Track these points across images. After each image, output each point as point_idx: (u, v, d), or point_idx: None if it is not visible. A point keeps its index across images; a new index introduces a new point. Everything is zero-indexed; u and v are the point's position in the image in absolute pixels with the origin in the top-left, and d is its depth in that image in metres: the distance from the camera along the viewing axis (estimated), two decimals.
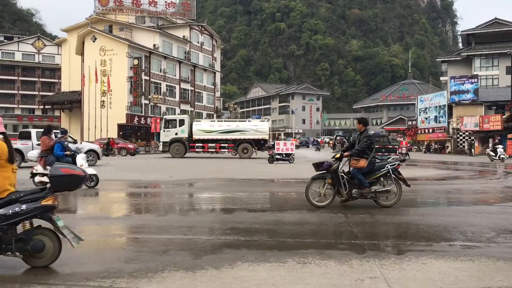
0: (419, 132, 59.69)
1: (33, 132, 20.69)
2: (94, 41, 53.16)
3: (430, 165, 26.04)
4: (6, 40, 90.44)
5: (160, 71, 57.62)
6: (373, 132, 9.24)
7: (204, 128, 31.89)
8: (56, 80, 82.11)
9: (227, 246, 5.56)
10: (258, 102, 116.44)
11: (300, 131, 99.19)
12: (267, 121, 35.01)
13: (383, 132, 66.70)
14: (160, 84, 57.60)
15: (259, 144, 31.76)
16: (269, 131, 33.27)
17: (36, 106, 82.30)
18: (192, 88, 64.38)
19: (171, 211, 8.79)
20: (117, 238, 6.32)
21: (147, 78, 54.86)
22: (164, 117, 36.82)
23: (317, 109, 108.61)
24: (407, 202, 9.91)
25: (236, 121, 37.96)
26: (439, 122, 54.37)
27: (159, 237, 6.09)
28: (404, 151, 29.93)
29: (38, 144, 20.77)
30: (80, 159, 11.67)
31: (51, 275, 4.36)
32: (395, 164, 8.78)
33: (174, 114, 58.53)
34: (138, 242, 5.81)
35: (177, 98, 61.07)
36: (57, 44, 75.40)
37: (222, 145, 31.37)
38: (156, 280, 4.19)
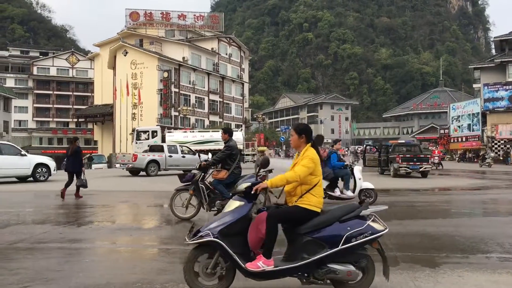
0: (451, 140, 58.36)
1: (165, 145, 24.01)
2: (125, 55, 54.41)
3: (464, 174, 25.40)
4: (41, 56, 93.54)
5: (189, 83, 58.41)
6: (235, 142, 8.77)
7: (177, 139, 31.22)
8: (89, 94, 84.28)
9: None
10: (287, 112, 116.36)
11: (329, 141, 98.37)
12: (241, 130, 34.66)
13: (414, 141, 65.48)
14: (189, 96, 58.37)
15: None
16: (243, 140, 32.87)
17: (70, 120, 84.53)
18: (221, 100, 64.96)
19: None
20: (149, 249, 6.40)
21: (177, 90, 55.68)
22: (136, 128, 36.22)
23: (346, 119, 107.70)
24: (441, 212, 9.70)
25: (210, 131, 37.72)
26: (473, 130, 53.07)
27: (190, 248, 6.12)
28: (436, 161, 29.32)
29: (170, 156, 22.82)
30: (358, 172, 10.81)
31: (85, 285, 4.45)
32: (260, 175, 8.47)
33: (203, 126, 59.20)
34: (170, 253, 5.87)
35: (206, 110, 61.71)
36: (90, 58, 77.53)
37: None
38: None
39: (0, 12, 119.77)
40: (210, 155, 18.50)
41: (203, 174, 8.39)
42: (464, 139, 54.67)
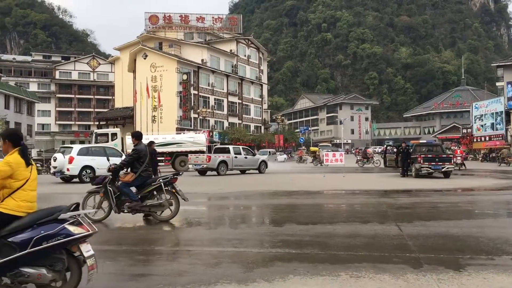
0: (474, 140, 57.35)
1: (231, 147, 26.28)
2: (145, 58, 54.97)
3: (488, 174, 24.91)
4: (63, 60, 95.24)
5: (208, 85, 58.68)
6: (144, 146, 8.73)
7: None
8: (110, 97, 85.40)
9: (278, 259, 5.53)
10: (306, 113, 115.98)
11: (349, 141, 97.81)
12: (203, 132, 34.70)
13: (436, 141, 64.54)
14: (209, 98, 58.63)
15: None
16: (206, 142, 32.88)
17: (92, 123, 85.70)
18: (240, 101, 65.09)
19: (222, 223, 8.87)
20: (170, 251, 6.44)
21: (196, 92, 55.99)
22: (95, 131, 35.87)
23: (366, 119, 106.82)
24: (464, 213, 9.54)
25: (172, 133, 37.55)
26: (496, 130, 52.09)
27: (211, 250, 6.16)
28: (459, 161, 28.74)
29: (236, 157, 25.18)
30: None
31: (107, 287, 4.49)
32: (168, 178, 8.61)
33: (223, 127, 59.39)
34: (191, 255, 5.89)
35: (225, 111, 61.91)
36: (110, 62, 78.55)
37: (158, 158, 30.99)
38: None
39: (23, 18, 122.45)
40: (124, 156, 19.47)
41: (111, 177, 8.55)
42: (487, 138, 53.67)
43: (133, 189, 8.56)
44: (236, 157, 25.16)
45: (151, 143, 14.85)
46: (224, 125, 60.87)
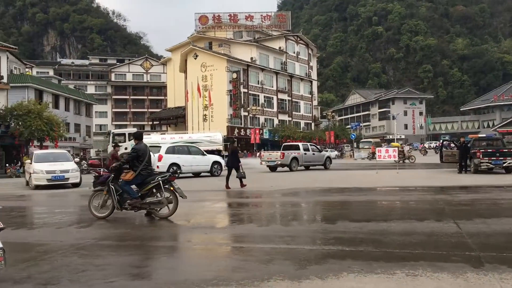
0: None
1: (300, 145, 27.23)
2: (195, 58, 55.97)
3: None
4: (118, 63, 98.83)
5: (258, 83, 58.94)
6: (144, 145, 8.57)
7: (154, 141, 31.02)
8: (163, 97, 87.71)
9: (331, 256, 5.47)
10: (357, 109, 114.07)
11: (402, 137, 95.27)
12: (220, 132, 34.39)
13: (496, 134, 61.62)
14: (258, 95, 58.91)
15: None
16: (223, 141, 32.57)
17: (146, 122, 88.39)
18: (289, 98, 64.95)
19: (274, 220, 8.88)
20: (223, 247, 6.53)
21: (246, 90, 56.41)
22: (112, 131, 36.19)
23: (420, 113, 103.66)
24: None
25: (188, 133, 37.21)
26: None
27: (263, 246, 6.18)
28: None
29: (305, 153, 26.16)
30: None
31: (165, 282, 4.62)
32: (166, 176, 8.74)
33: (273, 125, 59.48)
34: (243, 251, 5.94)
35: (275, 109, 61.97)
36: (162, 63, 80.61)
37: None
38: None
39: (80, 23, 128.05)
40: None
41: (113, 175, 8.84)
42: None
43: (134, 187, 8.90)
44: (305, 153, 26.22)
45: (234, 141, 16.06)
46: (274, 122, 60.95)
